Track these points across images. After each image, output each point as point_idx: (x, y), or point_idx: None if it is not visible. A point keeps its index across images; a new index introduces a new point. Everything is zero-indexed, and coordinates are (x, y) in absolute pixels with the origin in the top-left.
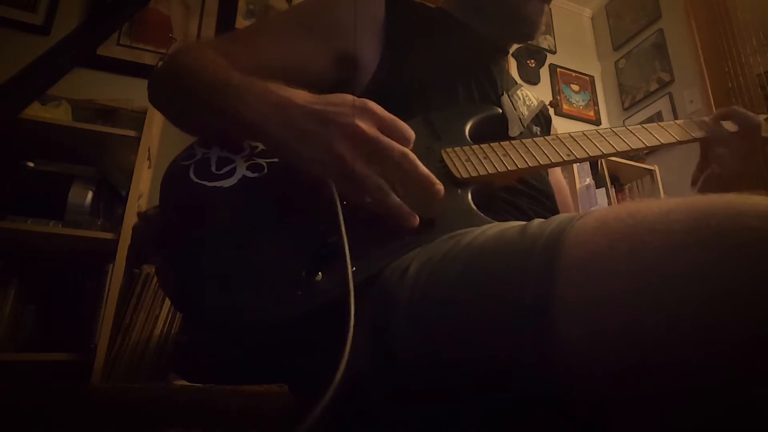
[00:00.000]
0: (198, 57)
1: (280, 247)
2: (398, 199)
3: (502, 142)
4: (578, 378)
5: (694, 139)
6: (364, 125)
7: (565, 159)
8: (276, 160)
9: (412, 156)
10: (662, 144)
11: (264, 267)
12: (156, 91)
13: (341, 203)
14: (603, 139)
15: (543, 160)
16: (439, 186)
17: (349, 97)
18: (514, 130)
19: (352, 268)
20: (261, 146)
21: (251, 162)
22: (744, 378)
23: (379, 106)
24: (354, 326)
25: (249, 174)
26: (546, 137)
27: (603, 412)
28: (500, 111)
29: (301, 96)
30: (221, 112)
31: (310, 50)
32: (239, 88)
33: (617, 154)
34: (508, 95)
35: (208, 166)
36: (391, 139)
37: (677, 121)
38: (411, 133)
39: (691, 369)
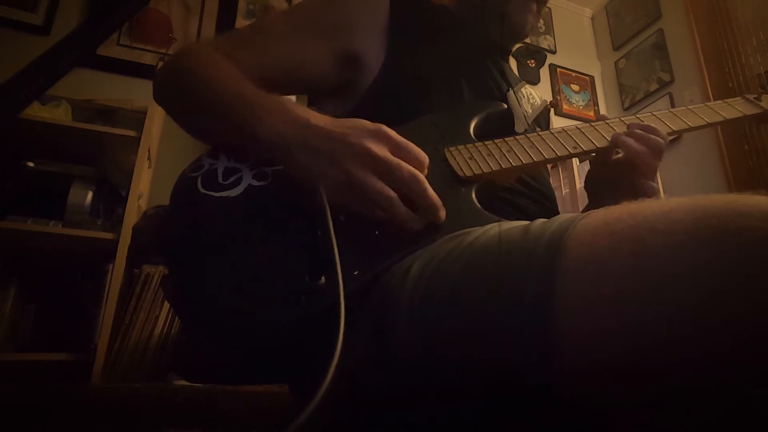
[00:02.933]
0: (207, 63)
1: (283, 253)
2: (406, 209)
3: (505, 138)
4: (579, 377)
5: (709, 125)
6: (375, 147)
7: (572, 152)
8: (280, 167)
9: (422, 178)
10: (674, 131)
11: (268, 273)
12: (162, 92)
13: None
14: (611, 129)
15: (549, 154)
16: (443, 212)
17: (365, 122)
18: (519, 126)
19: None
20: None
21: (257, 171)
22: (744, 378)
23: (392, 131)
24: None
25: (255, 183)
26: (551, 130)
27: (603, 412)
28: (505, 107)
29: (317, 117)
30: (233, 126)
31: (313, 50)
32: (254, 103)
33: None
34: (514, 91)
35: (216, 176)
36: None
37: (691, 107)
38: (424, 157)
39: (692, 369)
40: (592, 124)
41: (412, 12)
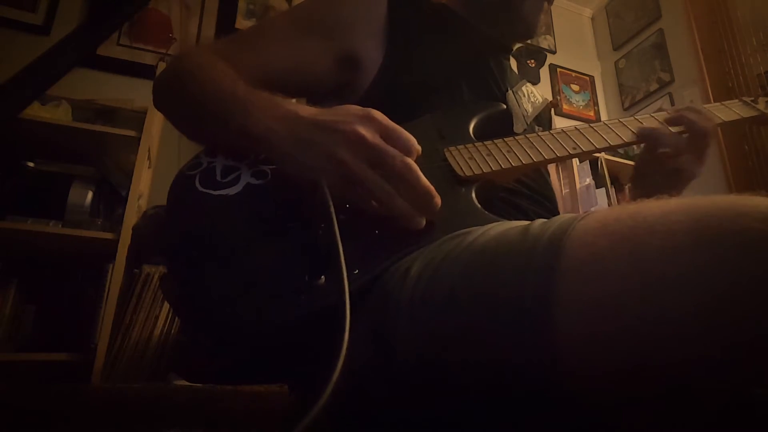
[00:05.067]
0: (202, 64)
1: (283, 252)
2: (404, 202)
3: (505, 139)
4: (579, 379)
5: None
6: (366, 132)
7: (571, 153)
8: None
9: (415, 167)
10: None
11: (267, 272)
12: (160, 97)
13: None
14: (610, 130)
15: (548, 155)
16: (438, 200)
17: (354, 107)
18: (518, 126)
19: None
20: None
21: (255, 169)
22: (744, 378)
23: (383, 115)
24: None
25: (253, 181)
26: (551, 131)
27: (603, 413)
28: (504, 107)
29: (306, 109)
30: (226, 124)
31: (312, 51)
32: (245, 100)
33: (624, 144)
34: (513, 91)
35: (214, 174)
36: (395, 148)
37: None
38: (415, 144)
39: (692, 369)
40: (592, 125)
41: (411, 12)
